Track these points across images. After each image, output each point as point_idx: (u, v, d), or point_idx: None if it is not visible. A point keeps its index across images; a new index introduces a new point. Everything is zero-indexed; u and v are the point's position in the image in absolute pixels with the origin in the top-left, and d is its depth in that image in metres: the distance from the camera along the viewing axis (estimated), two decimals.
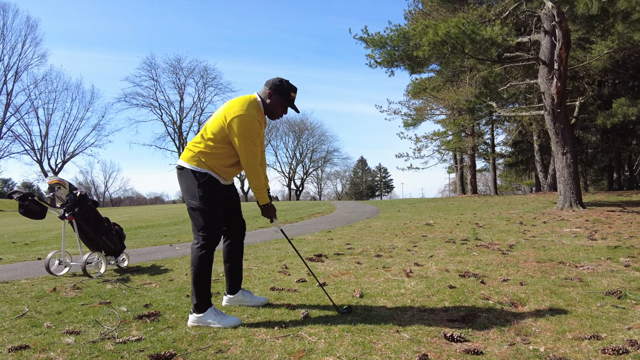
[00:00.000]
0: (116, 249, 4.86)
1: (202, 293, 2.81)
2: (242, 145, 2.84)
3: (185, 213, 17.31)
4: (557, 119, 10.60)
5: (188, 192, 2.90)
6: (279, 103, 3.00)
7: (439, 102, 23.69)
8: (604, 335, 2.45)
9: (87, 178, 56.08)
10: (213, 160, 2.89)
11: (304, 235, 7.92)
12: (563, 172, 10.63)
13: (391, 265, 4.63)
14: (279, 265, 4.77)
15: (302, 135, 56.39)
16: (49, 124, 42.34)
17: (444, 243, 6.10)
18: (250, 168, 2.91)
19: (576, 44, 13.87)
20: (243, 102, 2.89)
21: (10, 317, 3.02)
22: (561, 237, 6.32)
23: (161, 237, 8.57)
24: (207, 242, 2.84)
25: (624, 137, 21.46)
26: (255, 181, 2.96)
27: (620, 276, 3.81)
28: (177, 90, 48.54)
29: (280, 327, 2.71)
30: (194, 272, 2.82)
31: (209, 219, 2.85)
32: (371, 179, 67.88)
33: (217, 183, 2.92)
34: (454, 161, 29.78)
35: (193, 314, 2.81)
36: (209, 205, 2.85)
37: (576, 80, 17.42)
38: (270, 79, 3.03)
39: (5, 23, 38.50)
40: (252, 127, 2.85)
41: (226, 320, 2.78)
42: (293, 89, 3.03)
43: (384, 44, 11.54)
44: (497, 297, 3.29)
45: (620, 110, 13.89)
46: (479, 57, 11.16)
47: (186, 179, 2.90)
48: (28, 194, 4.51)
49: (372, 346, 2.36)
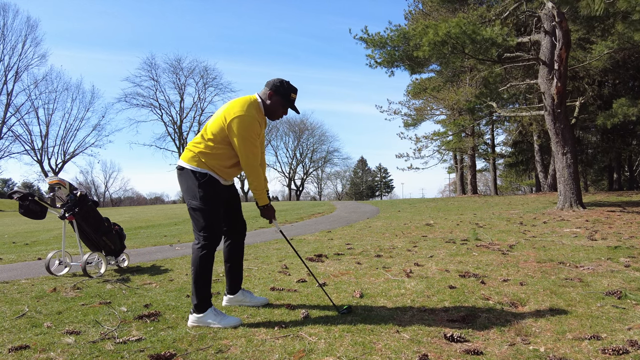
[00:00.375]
0: (116, 249, 4.86)
1: (203, 293, 2.81)
2: (242, 146, 2.83)
3: (186, 213, 17.31)
4: (557, 119, 10.60)
5: (188, 192, 2.89)
6: (279, 104, 2.99)
7: (439, 102, 23.70)
8: (604, 335, 2.45)
9: (87, 178, 56.17)
10: (213, 160, 2.89)
11: (304, 235, 7.92)
12: (563, 172, 10.62)
13: (391, 265, 4.63)
14: (279, 266, 4.77)
15: (302, 135, 56.44)
16: (49, 124, 42.41)
17: (444, 243, 6.10)
18: (250, 169, 2.91)
19: (576, 44, 13.87)
20: (243, 102, 2.89)
21: (11, 317, 3.02)
22: (561, 238, 6.32)
23: (161, 237, 8.57)
24: (207, 242, 2.84)
25: (624, 138, 21.46)
26: (255, 182, 2.96)
27: (621, 276, 3.81)
28: (177, 90, 48.62)
29: (280, 327, 2.71)
30: (194, 272, 2.82)
31: (210, 219, 2.85)
32: (371, 179, 67.88)
33: (217, 183, 2.91)
34: (454, 161, 29.78)
35: (193, 314, 2.81)
36: (210, 205, 2.85)
37: (576, 80, 17.42)
38: (271, 79, 3.02)
39: (6, 23, 38.54)
40: (252, 127, 2.85)
41: (226, 320, 2.78)
42: (293, 90, 3.03)
43: (384, 44, 11.54)
44: (497, 297, 3.29)
45: (621, 110, 13.89)
46: (479, 57, 11.16)
47: (186, 179, 2.90)
48: (28, 194, 4.51)
49: (372, 346, 2.36)
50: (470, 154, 25.56)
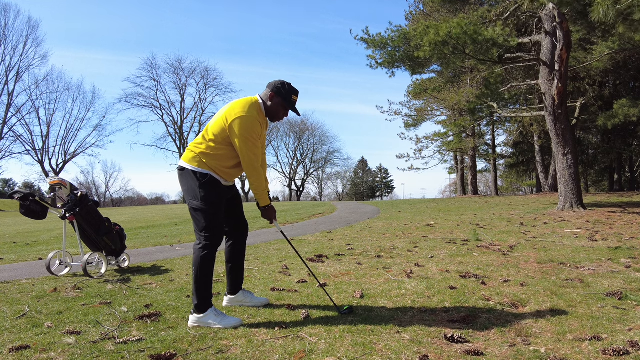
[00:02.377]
0: (117, 249, 4.86)
1: (203, 293, 2.82)
2: (243, 147, 2.84)
3: (186, 213, 17.31)
4: (558, 120, 10.59)
5: (189, 192, 2.90)
6: (281, 105, 2.99)
7: (440, 102, 23.68)
8: (605, 336, 2.45)
9: (88, 178, 56.15)
10: (214, 161, 2.89)
11: (304, 235, 7.92)
12: (564, 173, 10.62)
13: (392, 265, 4.63)
14: (279, 266, 4.77)
15: (303, 135, 56.49)
16: (50, 124, 42.48)
17: (444, 244, 6.10)
18: (251, 169, 2.91)
19: (577, 45, 13.86)
20: (245, 103, 2.89)
21: (11, 317, 3.03)
22: (562, 238, 6.32)
23: (162, 238, 8.57)
24: (209, 242, 2.84)
25: (625, 138, 21.44)
26: (256, 183, 2.96)
27: (621, 277, 3.80)
28: (178, 90, 48.69)
29: (280, 327, 2.71)
30: (195, 273, 2.82)
31: (211, 219, 2.85)
32: (372, 179, 67.86)
33: (218, 184, 2.92)
34: (455, 162, 29.77)
35: (194, 315, 2.81)
36: (211, 205, 2.85)
37: (577, 81, 17.40)
38: (272, 81, 3.03)
39: (7, 23, 38.66)
40: (253, 128, 2.85)
41: (227, 320, 2.78)
42: (295, 92, 3.02)
43: (385, 45, 11.55)
44: (498, 298, 3.28)
45: (621, 111, 13.89)
46: (480, 57, 11.16)
47: (187, 179, 2.90)
48: (29, 194, 4.51)
49: (373, 347, 2.36)
50: (470, 155, 25.54)
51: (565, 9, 9.54)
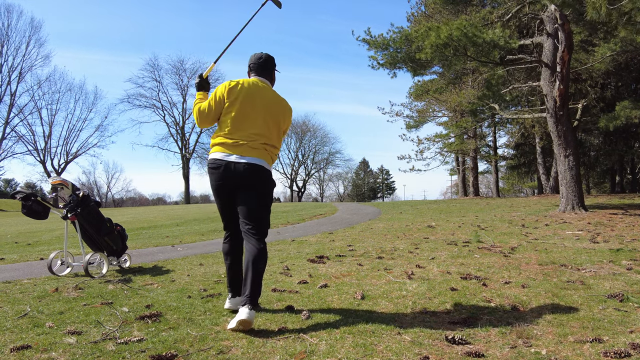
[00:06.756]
0: (118, 249, 4.87)
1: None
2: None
3: (187, 214, 17.33)
4: (559, 122, 10.58)
5: (268, 193, 2.98)
6: (273, 73, 3.24)
7: (442, 104, 23.70)
8: (606, 338, 2.44)
9: (89, 179, 56.39)
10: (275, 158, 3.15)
11: (305, 236, 7.92)
12: (565, 174, 10.60)
13: (393, 267, 4.63)
14: (280, 267, 4.77)
15: (305, 136, 56.57)
16: (52, 124, 42.61)
17: (445, 245, 6.10)
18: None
19: (579, 47, 13.84)
20: (282, 99, 3.16)
21: (13, 317, 3.03)
22: (563, 240, 6.30)
23: (163, 238, 8.58)
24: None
25: (627, 140, 21.40)
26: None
27: (623, 279, 3.79)
28: (180, 91, 48.82)
29: (281, 328, 2.71)
30: (261, 270, 2.84)
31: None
32: (373, 180, 67.87)
33: None
34: (456, 163, 29.77)
35: (253, 310, 2.69)
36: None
37: (579, 82, 17.38)
38: (255, 65, 3.18)
39: (10, 24, 38.82)
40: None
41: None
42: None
43: (386, 46, 11.56)
44: (499, 299, 3.28)
45: (623, 113, 13.86)
46: (482, 59, 11.16)
47: (264, 179, 2.96)
48: (31, 194, 4.52)
49: (374, 348, 2.36)
50: (472, 156, 25.54)
51: (567, 10, 9.55)
